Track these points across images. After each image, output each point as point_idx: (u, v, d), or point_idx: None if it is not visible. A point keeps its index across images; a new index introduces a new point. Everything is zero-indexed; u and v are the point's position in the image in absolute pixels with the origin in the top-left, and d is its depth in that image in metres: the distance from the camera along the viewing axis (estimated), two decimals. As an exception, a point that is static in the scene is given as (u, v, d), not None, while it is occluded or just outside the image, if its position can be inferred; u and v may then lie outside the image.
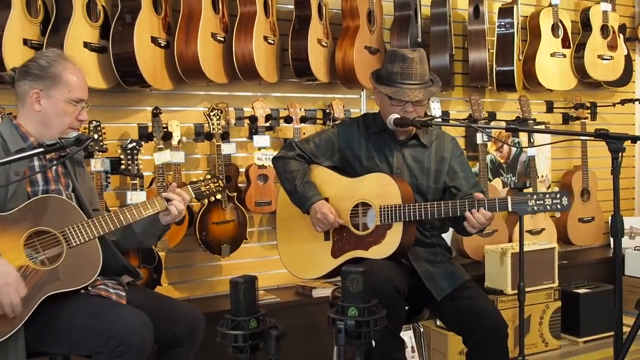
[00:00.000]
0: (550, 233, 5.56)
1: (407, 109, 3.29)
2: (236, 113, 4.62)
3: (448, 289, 3.28)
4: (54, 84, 2.80)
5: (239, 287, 2.50)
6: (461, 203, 3.12)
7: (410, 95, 3.25)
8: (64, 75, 2.82)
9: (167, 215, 2.99)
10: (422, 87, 3.30)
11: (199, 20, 4.14)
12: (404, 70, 3.29)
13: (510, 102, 5.72)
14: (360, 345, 2.53)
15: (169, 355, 3.01)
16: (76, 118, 2.86)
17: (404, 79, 3.28)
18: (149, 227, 3.03)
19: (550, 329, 4.97)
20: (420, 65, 3.30)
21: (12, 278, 2.56)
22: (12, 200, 2.70)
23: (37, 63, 2.82)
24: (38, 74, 2.80)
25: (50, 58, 2.84)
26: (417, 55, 3.31)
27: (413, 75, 3.28)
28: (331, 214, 3.33)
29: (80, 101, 2.86)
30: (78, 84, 2.86)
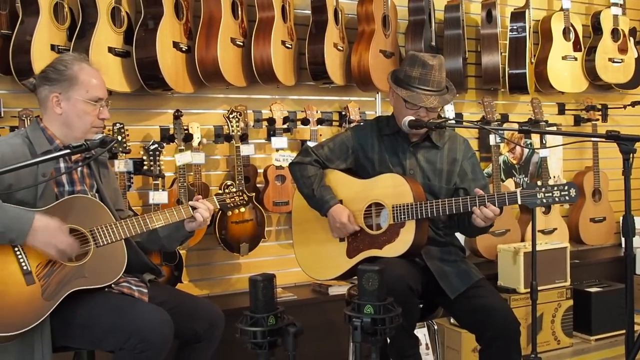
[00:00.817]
0: (562, 233, 5.53)
1: (420, 113, 3.30)
2: (255, 115, 4.64)
3: (461, 288, 3.28)
4: (72, 86, 2.82)
5: (258, 285, 2.51)
6: (472, 199, 3.12)
7: (426, 101, 3.25)
8: (80, 76, 2.83)
9: (192, 222, 3.03)
10: (438, 94, 3.30)
11: (218, 25, 4.16)
12: (423, 76, 3.28)
13: (523, 104, 5.69)
14: (375, 342, 2.53)
15: (189, 351, 3.03)
16: (97, 117, 2.88)
17: (421, 84, 3.29)
18: (174, 232, 3.07)
19: (563, 327, 4.95)
20: (439, 73, 3.30)
21: (54, 228, 2.62)
22: (41, 200, 2.73)
23: (54, 67, 2.84)
24: (56, 78, 2.82)
25: (66, 61, 2.86)
26: (437, 62, 3.31)
27: (431, 82, 3.28)
28: (349, 222, 3.34)
29: (99, 100, 2.87)
30: (95, 84, 2.87)
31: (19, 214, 2.58)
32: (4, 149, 2.71)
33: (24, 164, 2.49)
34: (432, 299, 3.41)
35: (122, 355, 2.67)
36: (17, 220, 2.56)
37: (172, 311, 2.80)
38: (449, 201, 3.17)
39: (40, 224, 2.60)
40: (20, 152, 2.74)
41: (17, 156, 2.70)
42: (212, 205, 3.08)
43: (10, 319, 2.54)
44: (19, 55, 3.62)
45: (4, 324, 2.52)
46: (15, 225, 2.55)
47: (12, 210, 2.58)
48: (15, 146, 2.75)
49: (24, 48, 3.61)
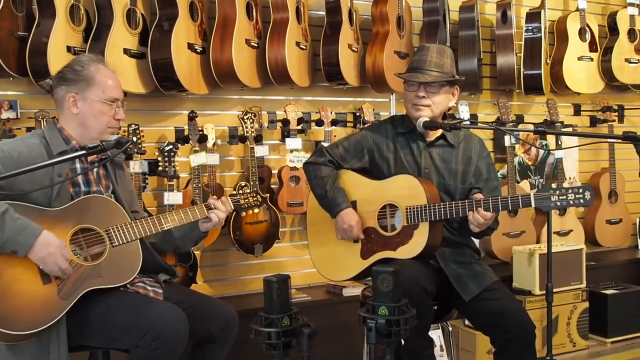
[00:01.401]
0: (578, 234, 5.52)
1: (419, 93, 3.31)
2: (269, 116, 4.66)
3: (476, 290, 3.27)
4: (88, 86, 2.84)
5: (272, 285, 2.51)
6: (485, 200, 3.12)
7: (420, 77, 3.29)
8: (97, 76, 2.86)
9: (207, 223, 3.05)
10: (437, 73, 3.31)
11: (233, 26, 4.18)
12: (420, 57, 3.35)
13: (538, 105, 5.68)
14: (390, 343, 2.53)
15: (203, 351, 3.04)
16: (113, 117, 2.90)
17: (419, 65, 3.34)
18: (188, 232, 3.10)
19: (578, 330, 4.93)
20: (438, 55, 3.33)
21: (54, 246, 2.62)
22: (57, 200, 2.75)
23: (71, 68, 2.87)
24: (72, 79, 2.84)
25: (82, 62, 2.89)
26: (435, 46, 3.37)
27: (428, 62, 3.31)
28: (356, 227, 3.37)
29: (115, 100, 2.90)
30: (111, 84, 2.90)
31: (26, 226, 2.58)
32: (21, 148, 2.74)
33: (40, 164, 2.51)
34: (447, 300, 3.41)
35: (138, 353, 2.69)
36: (22, 233, 2.57)
37: (187, 311, 2.81)
38: (462, 203, 3.17)
39: (45, 240, 2.61)
40: (37, 152, 2.77)
41: (34, 156, 2.73)
42: (228, 206, 3.10)
43: (27, 317, 2.57)
44: (36, 56, 3.65)
45: (20, 322, 2.55)
46: (19, 237, 2.56)
47: (21, 223, 2.58)
48: (32, 146, 2.78)
49: (40, 50, 3.64)
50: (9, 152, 2.69)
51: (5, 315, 2.52)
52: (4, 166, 2.61)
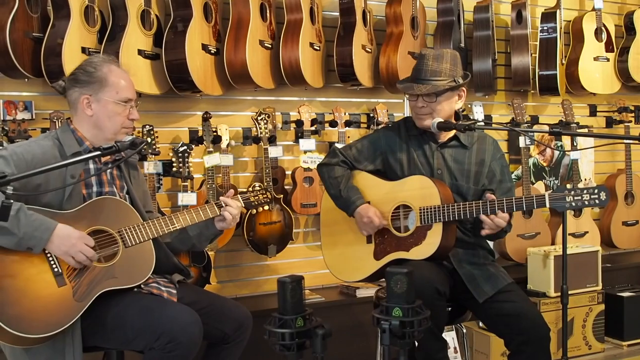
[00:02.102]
0: (593, 236, 5.49)
1: (417, 104, 3.32)
2: (283, 117, 4.67)
3: (490, 292, 3.27)
4: (102, 88, 2.86)
5: (286, 286, 2.52)
6: (499, 201, 3.12)
7: (415, 89, 3.28)
8: (110, 77, 2.88)
9: (221, 221, 3.07)
10: (434, 81, 3.29)
11: (247, 27, 4.20)
12: (417, 67, 3.34)
13: (553, 105, 5.66)
14: (404, 345, 2.53)
15: (217, 351, 3.05)
16: (127, 117, 2.92)
17: (416, 75, 3.33)
18: (204, 230, 3.11)
19: (594, 332, 4.91)
20: (435, 62, 3.30)
21: (75, 237, 2.66)
22: (69, 202, 2.77)
23: (84, 70, 2.89)
24: (86, 80, 2.86)
25: (95, 63, 2.90)
26: (432, 53, 3.34)
27: (424, 71, 3.30)
28: (376, 217, 3.35)
29: (128, 101, 2.91)
30: (124, 85, 2.91)
31: (40, 223, 2.61)
32: (34, 150, 2.76)
33: (54, 165, 2.52)
34: (461, 302, 3.41)
35: (152, 355, 2.70)
36: (37, 228, 2.59)
37: (201, 312, 2.83)
38: (476, 204, 3.16)
39: (62, 233, 2.64)
40: (50, 153, 2.79)
41: (47, 157, 2.75)
42: (239, 203, 3.12)
43: (43, 320, 2.58)
44: (50, 58, 3.68)
45: (36, 325, 2.56)
46: (35, 233, 2.58)
47: (35, 218, 2.60)
48: (45, 148, 2.80)
49: (55, 51, 3.67)
50: (22, 154, 2.70)
51: (21, 318, 2.54)
52: (18, 169, 2.62)
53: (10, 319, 2.50)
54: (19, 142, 3.01)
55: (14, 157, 2.67)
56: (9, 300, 2.54)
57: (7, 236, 2.54)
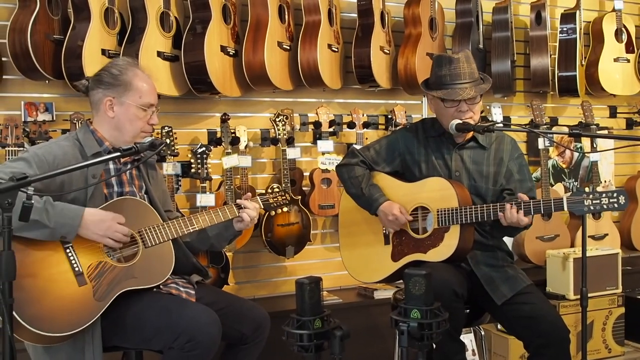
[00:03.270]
0: (613, 238, 5.45)
1: (461, 108, 3.28)
2: (301, 119, 4.68)
3: (508, 294, 3.26)
4: (126, 91, 2.89)
5: (305, 287, 2.53)
6: (517, 203, 3.11)
7: (462, 93, 3.24)
8: (135, 82, 2.91)
9: (240, 222, 3.09)
10: (472, 84, 3.29)
11: (265, 29, 4.22)
12: (452, 71, 3.29)
13: (573, 107, 5.64)
14: (422, 347, 2.53)
15: (235, 352, 3.07)
16: (147, 122, 2.95)
17: (453, 80, 3.29)
18: (223, 231, 3.13)
19: (614, 335, 4.88)
20: (467, 64, 3.30)
21: (109, 219, 2.72)
22: (91, 201, 2.80)
23: (109, 72, 2.92)
24: (110, 82, 2.89)
25: (120, 66, 2.93)
26: (462, 55, 3.32)
27: (462, 74, 3.28)
28: (401, 213, 3.35)
29: (150, 106, 2.95)
30: (148, 90, 2.94)
31: (68, 210, 2.66)
32: (55, 151, 2.79)
33: (75, 166, 2.55)
34: (479, 304, 3.40)
35: (171, 355, 2.72)
36: (67, 216, 2.64)
37: (219, 313, 2.84)
38: (494, 206, 3.16)
39: (94, 218, 2.69)
40: (71, 154, 2.82)
41: (69, 158, 2.78)
42: (258, 204, 3.14)
43: (64, 319, 2.61)
44: (71, 59, 3.71)
45: (57, 324, 2.59)
46: (65, 221, 2.63)
47: (62, 207, 2.65)
48: (66, 148, 2.83)
49: (75, 53, 3.70)
50: (44, 155, 2.74)
51: (41, 317, 2.57)
52: (40, 170, 2.65)
53: (31, 318, 2.53)
54: (40, 144, 3.04)
55: (35, 159, 2.70)
56: (30, 300, 2.56)
57: (40, 229, 2.58)
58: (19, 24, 3.67)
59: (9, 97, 3.89)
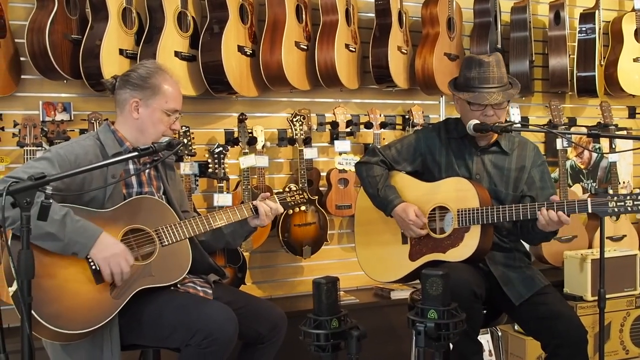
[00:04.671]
0: (632, 239, 5.41)
1: (487, 112, 3.26)
2: (318, 119, 4.68)
3: (526, 294, 3.25)
4: (153, 95, 2.90)
5: (322, 287, 2.53)
6: (539, 205, 3.10)
7: (489, 98, 3.23)
8: (163, 86, 2.92)
9: (255, 219, 3.09)
10: (500, 89, 3.27)
11: (283, 29, 4.22)
12: (481, 74, 3.27)
13: (591, 107, 5.60)
14: (439, 347, 2.53)
15: (252, 351, 3.07)
16: (169, 127, 2.96)
17: (481, 84, 3.27)
18: (238, 228, 3.14)
19: (632, 337, 4.85)
20: (498, 68, 3.28)
21: (120, 249, 2.70)
22: (110, 200, 2.81)
23: (138, 73, 2.93)
24: (138, 84, 2.90)
25: (149, 69, 2.94)
26: (493, 59, 3.30)
27: (491, 79, 3.26)
28: (417, 217, 3.33)
29: (175, 111, 2.96)
30: (174, 96, 2.96)
31: (85, 230, 2.65)
32: (77, 151, 2.80)
33: (95, 165, 2.56)
34: (496, 305, 3.39)
35: (188, 352, 2.73)
36: (82, 235, 2.64)
37: (237, 312, 2.84)
38: (516, 207, 3.14)
39: (107, 242, 2.68)
40: (92, 153, 2.83)
41: (90, 158, 2.79)
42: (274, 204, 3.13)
43: (81, 317, 2.62)
44: (89, 59, 3.73)
45: (75, 322, 2.61)
46: (79, 239, 2.63)
47: (82, 224, 2.65)
48: (87, 148, 2.84)
49: (93, 52, 3.72)
50: (66, 155, 2.75)
51: (60, 315, 2.58)
52: (62, 169, 2.66)
53: (49, 316, 2.54)
54: (61, 144, 3.06)
55: (58, 158, 2.72)
56: (48, 299, 2.57)
57: (54, 242, 2.59)
58: (37, 24, 3.68)
59: (28, 97, 3.91)
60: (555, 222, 3.06)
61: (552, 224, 3.08)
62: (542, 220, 3.08)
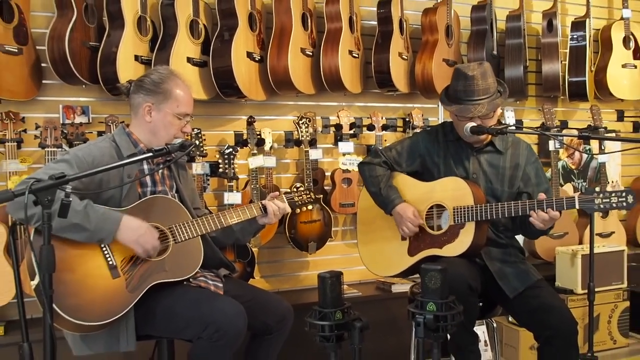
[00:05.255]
0: (620, 236, 5.41)
1: (474, 122, 3.27)
2: (323, 121, 4.68)
3: (520, 288, 3.25)
4: (165, 99, 2.90)
5: (326, 281, 2.55)
6: (530, 202, 3.10)
7: (474, 111, 3.23)
8: (174, 91, 2.92)
9: (264, 217, 3.09)
10: (487, 100, 3.26)
11: (289, 36, 4.22)
12: (467, 87, 3.27)
13: (582, 111, 5.60)
14: (437, 338, 2.54)
15: (260, 342, 3.08)
16: (181, 129, 2.96)
17: (467, 96, 3.27)
18: (247, 225, 3.14)
19: (619, 328, 4.85)
20: (483, 80, 3.26)
21: (144, 228, 2.74)
22: (126, 199, 2.82)
23: (151, 78, 2.93)
24: (151, 89, 2.91)
25: (162, 74, 2.95)
26: (478, 72, 3.26)
27: (475, 91, 3.25)
28: (415, 217, 3.35)
29: (185, 115, 2.96)
30: (186, 100, 2.96)
31: (109, 215, 2.69)
32: (94, 152, 2.81)
33: (112, 165, 2.57)
34: (491, 297, 3.39)
35: (200, 344, 2.74)
36: (107, 221, 2.67)
37: (245, 305, 2.85)
38: (508, 204, 3.15)
39: (131, 224, 2.71)
40: (109, 154, 2.84)
41: (106, 159, 2.80)
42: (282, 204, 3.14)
43: (99, 309, 2.64)
44: (106, 65, 3.74)
45: (94, 314, 2.62)
46: (105, 225, 2.66)
47: (103, 212, 2.68)
48: (103, 149, 2.86)
49: (110, 59, 3.73)
50: (84, 157, 2.76)
51: (79, 308, 2.59)
52: (80, 170, 2.66)
53: (69, 309, 2.56)
54: (80, 146, 3.06)
55: (76, 160, 2.73)
56: (69, 292, 2.59)
57: (81, 232, 2.61)
58: (57, 31, 3.69)
59: (48, 101, 3.92)
60: (547, 220, 3.07)
61: (546, 222, 3.08)
62: (536, 219, 3.08)
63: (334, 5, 4.44)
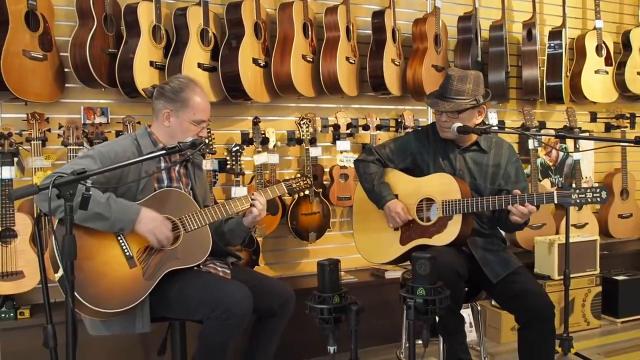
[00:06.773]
0: (593, 227, 5.40)
1: (441, 118, 3.29)
2: (322, 122, 4.65)
3: (502, 274, 3.23)
4: (183, 107, 2.87)
5: (325, 268, 2.53)
6: (513, 197, 3.08)
7: (440, 106, 3.24)
8: (192, 100, 2.88)
9: (247, 217, 3.05)
10: (457, 100, 3.23)
11: (292, 44, 4.20)
12: (444, 85, 3.29)
13: (559, 112, 5.58)
14: (427, 320, 2.53)
15: (264, 323, 3.07)
16: (197, 134, 2.93)
17: (442, 93, 3.28)
18: (235, 227, 3.11)
19: (592, 310, 4.84)
20: (459, 82, 3.23)
21: (159, 220, 2.72)
22: (141, 193, 2.80)
23: (171, 86, 2.90)
24: (171, 97, 2.88)
25: (182, 83, 2.91)
26: (458, 74, 3.26)
27: (448, 90, 3.25)
28: (403, 212, 3.34)
29: (202, 122, 2.93)
30: (202, 108, 2.91)
31: (128, 206, 2.67)
32: (116, 149, 2.80)
33: (131, 161, 2.57)
34: (476, 283, 3.37)
35: (210, 324, 2.72)
36: (127, 212, 2.65)
37: (252, 289, 2.83)
38: (492, 198, 3.13)
39: (149, 215, 2.69)
40: (130, 152, 2.83)
41: (127, 155, 2.79)
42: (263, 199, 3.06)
43: (117, 297, 2.62)
44: (124, 70, 3.71)
45: (112, 302, 2.60)
46: (125, 215, 2.64)
47: (122, 203, 2.66)
48: (125, 146, 2.84)
49: (127, 64, 3.70)
50: (107, 153, 2.75)
51: (99, 296, 2.57)
52: (103, 165, 2.65)
53: (90, 297, 2.54)
54: (104, 143, 3.07)
55: (99, 156, 2.72)
56: (89, 282, 2.57)
57: (102, 221, 2.60)
58: (79, 39, 3.67)
59: (71, 103, 3.89)
60: (526, 213, 3.06)
61: (524, 215, 3.07)
62: (516, 212, 3.07)
63: (332, 16, 4.42)
